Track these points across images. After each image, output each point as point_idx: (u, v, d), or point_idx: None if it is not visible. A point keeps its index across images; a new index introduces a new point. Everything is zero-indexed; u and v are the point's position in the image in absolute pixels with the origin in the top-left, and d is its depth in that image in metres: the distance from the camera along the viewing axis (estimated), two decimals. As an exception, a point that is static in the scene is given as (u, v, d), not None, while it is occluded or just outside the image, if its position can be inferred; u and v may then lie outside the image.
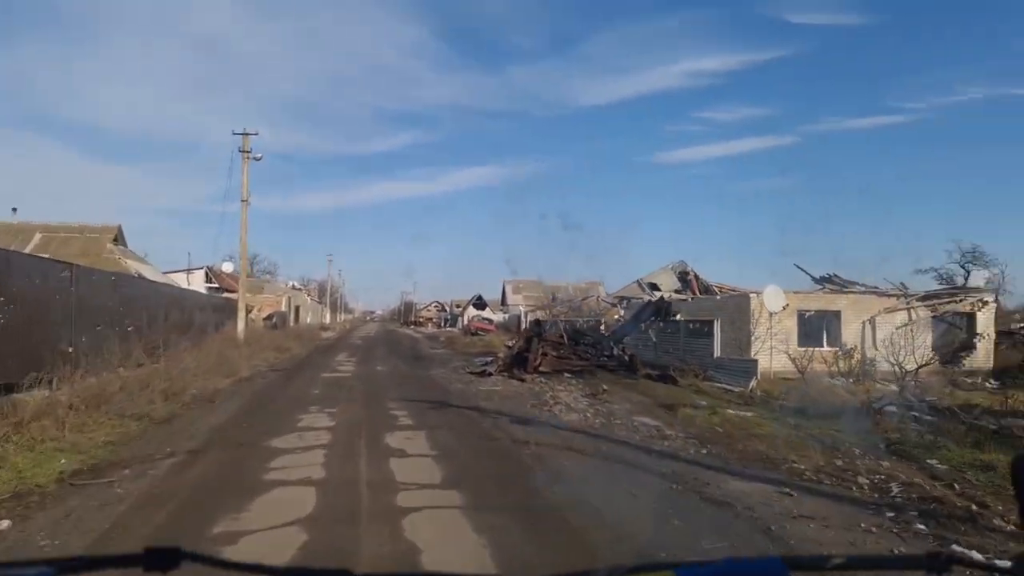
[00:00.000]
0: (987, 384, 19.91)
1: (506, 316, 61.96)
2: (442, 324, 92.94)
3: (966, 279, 41.53)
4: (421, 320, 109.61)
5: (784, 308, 20.41)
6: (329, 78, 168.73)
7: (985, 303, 22.49)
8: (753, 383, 16.66)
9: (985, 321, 22.48)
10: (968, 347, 22.49)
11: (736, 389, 16.48)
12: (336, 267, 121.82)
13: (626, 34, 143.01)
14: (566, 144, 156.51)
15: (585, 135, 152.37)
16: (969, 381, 20.11)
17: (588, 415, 10.97)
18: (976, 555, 3.30)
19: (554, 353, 18.71)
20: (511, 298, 74.20)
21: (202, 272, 47.18)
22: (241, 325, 25.45)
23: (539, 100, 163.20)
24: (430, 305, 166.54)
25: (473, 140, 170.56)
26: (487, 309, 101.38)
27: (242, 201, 24.95)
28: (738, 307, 21.77)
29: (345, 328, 72.76)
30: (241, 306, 26.09)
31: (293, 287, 73.45)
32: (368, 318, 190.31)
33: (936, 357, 22.79)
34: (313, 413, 10.76)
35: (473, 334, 41.65)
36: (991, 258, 41.70)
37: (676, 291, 34.29)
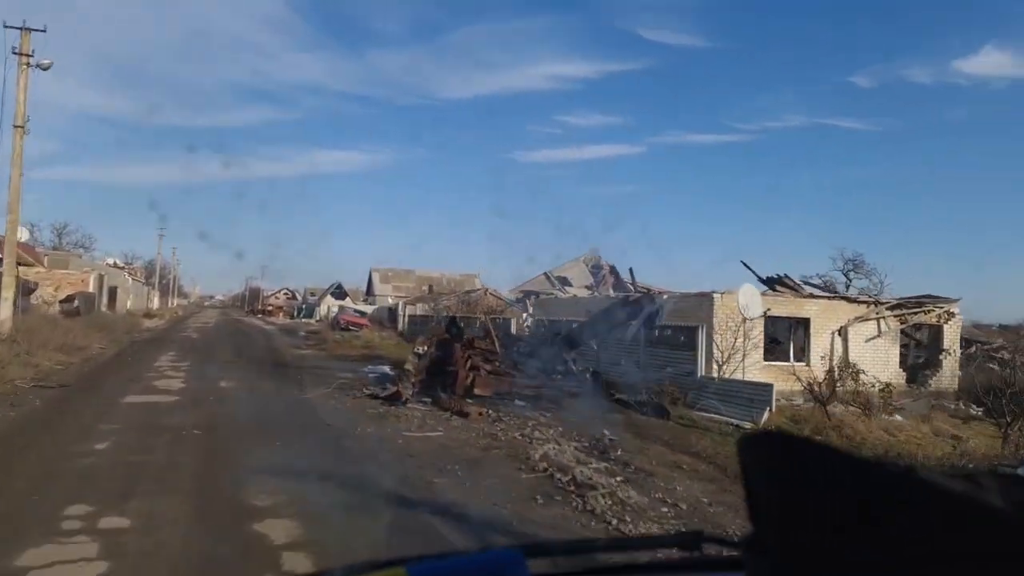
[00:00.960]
0: (970, 410, 17.05)
1: (373, 308, 55.24)
2: (295, 314, 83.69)
3: (847, 287, 41.11)
4: (270, 309, 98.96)
5: (766, 313, 16.35)
6: (174, 44, 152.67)
7: (952, 315, 19.90)
8: (766, 415, 12.26)
9: (952, 336, 19.91)
10: (933, 364, 19.85)
11: (746, 424, 12.01)
12: (173, 248, 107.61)
13: (491, 31, 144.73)
14: (428, 134, 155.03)
15: (448, 127, 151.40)
16: (952, 407, 17.17)
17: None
18: (724, 535, 2.44)
19: (487, 367, 13.28)
20: (379, 288, 67.36)
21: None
22: (6, 310, 17.55)
23: (401, 88, 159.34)
24: (279, 292, 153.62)
25: (333, 123, 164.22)
26: (348, 299, 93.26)
27: (16, 127, 16.96)
28: (699, 311, 17.48)
29: (177, 315, 62.25)
30: (8, 281, 18.09)
31: (114, 265, 61.77)
32: (206, 303, 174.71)
33: (904, 376, 20.12)
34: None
35: (344, 329, 34.93)
36: (871, 267, 41.62)
37: (587, 287, 29.98)
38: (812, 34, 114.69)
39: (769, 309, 16.50)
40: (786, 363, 17.63)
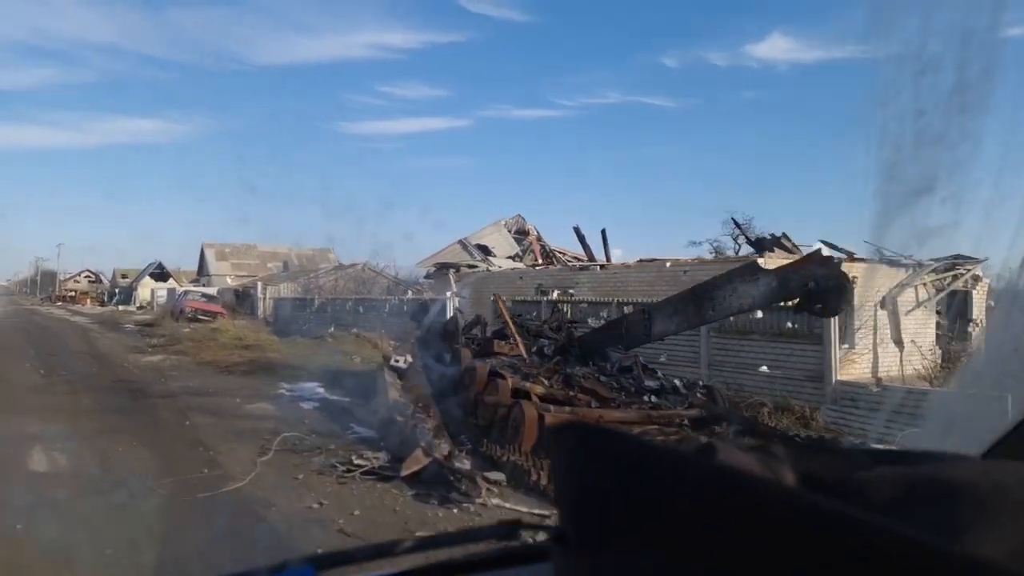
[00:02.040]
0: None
1: (215, 290, 46.06)
2: (106, 300, 70.15)
3: (737, 252, 39.67)
4: (72, 294, 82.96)
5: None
6: None
7: (978, 279, 17.31)
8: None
9: (979, 303, 17.32)
10: (960, 338, 17.17)
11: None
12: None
13: None
14: (244, 103, 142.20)
15: (265, 95, 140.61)
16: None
17: None
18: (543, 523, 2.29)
19: (542, 390, 7.78)
20: (215, 266, 57.40)
21: None
22: None
23: (210, 52, 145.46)
24: (79, 275, 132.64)
25: (127, 88, 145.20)
26: (171, 280, 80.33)
27: None
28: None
29: (-56, 308, 48.49)
30: None
31: None
32: None
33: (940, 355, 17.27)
34: None
35: (192, 319, 26.99)
36: (761, 232, 40.49)
37: (514, 256, 24.82)
38: (625, 13, 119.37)
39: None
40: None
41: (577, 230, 20.27)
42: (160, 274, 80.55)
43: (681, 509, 0.58)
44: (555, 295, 16.34)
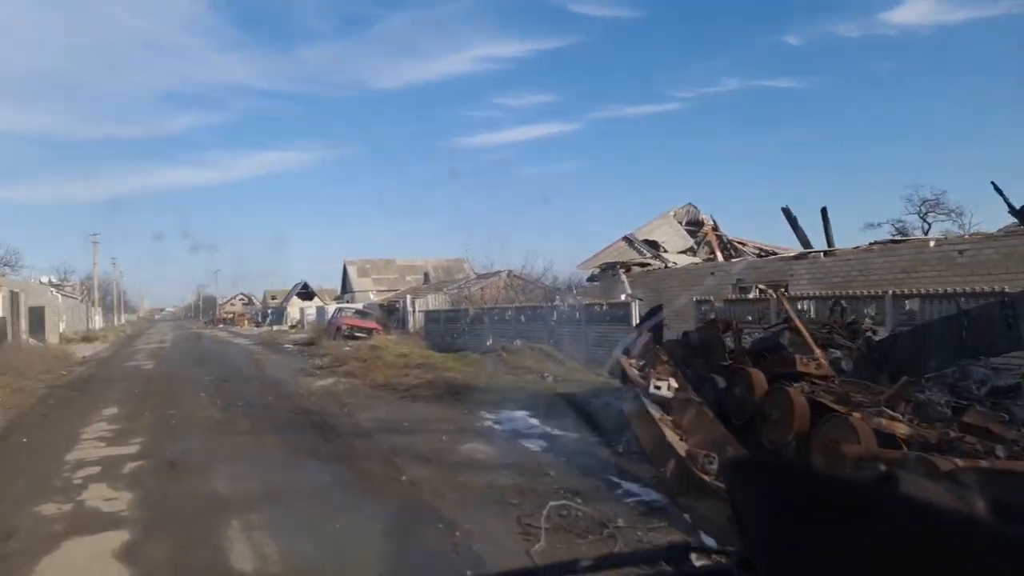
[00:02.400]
0: None
1: (362, 305, 46.45)
2: (262, 321, 73.97)
3: (926, 232, 34.23)
4: (230, 317, 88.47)
5: None
6: (96, 53, 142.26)
7: None
8: None
9: None
10: None
11: None
12: (112, 260, 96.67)
13: (417, 17, 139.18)
14: (365, 127, 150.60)
15: (382, 118, 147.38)
16: None
17: None
18: (713, 545, 2.22)
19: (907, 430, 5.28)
20: (357, 282, 58.43)
21: None
22: None
23: (332, 83, 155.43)
24: (235, 299, 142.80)
25: (264, 124, 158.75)
26: (316, 299, 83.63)
27: None
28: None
29: (124, 335, 52.26)
30: None
31: (49, 283, 51.56)
32: (156, 317, 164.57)
33: None
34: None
35: (349, 337, 26.39)
36: (957, 207, 34.86)
37: (688, 250, 22.08)
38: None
39: None
40: None
41: (787, 212, 17.20)
42: (306, 293, 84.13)
43: (869, 540, 0.57)
44: (758, 291, 13.55)
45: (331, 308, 47.40)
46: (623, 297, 18.51)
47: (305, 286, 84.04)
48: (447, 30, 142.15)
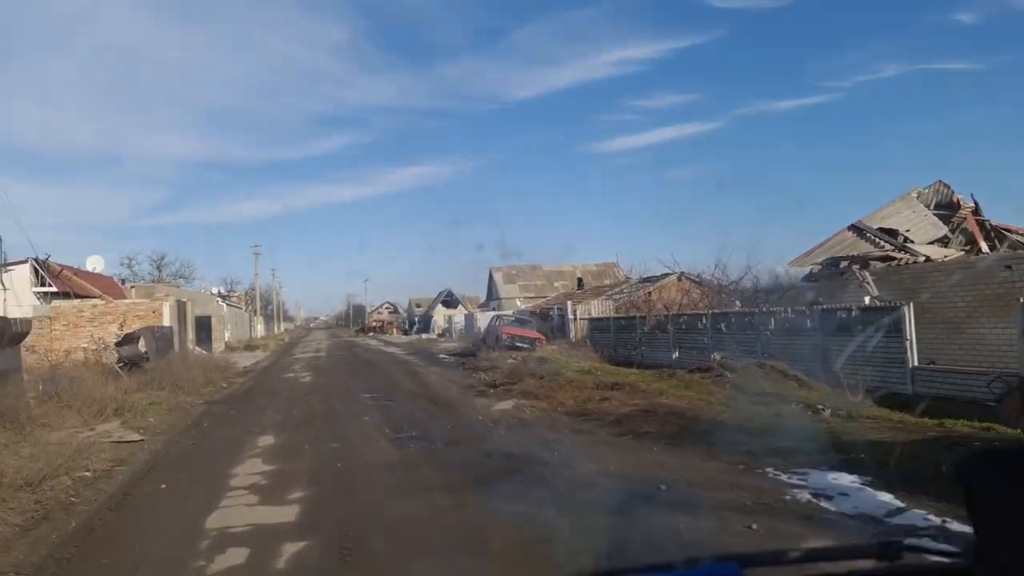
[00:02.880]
0: None
1: (511, 313, 44.35)
2: (409, 329, 74.48)
3: None
4: (377, 325, 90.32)
5: None
6: (255, 83, 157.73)
7: None
8: None
9: None
10: None
11: None
12: (272, 271, 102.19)
13: (550, 25, 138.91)
14: (499, 138, 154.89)
15: (518, 128, 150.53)
16: None
17: None
18: (929, 542, 1.82)
19: None
20: (503, 289, 56.62)
21: (27, 267, 28.07)
22: None
23: (469, 96, 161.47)
24: (381, 307, 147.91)
25: (406, 139, 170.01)
26: (460, 307, 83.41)
27: None
28: None
29: (283, 343, 53.63)
30: None
31: (218, 294, 54.16)
32: (311, 325, 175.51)
33: None
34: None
35: (511, 347, 23.90)
36: None
37: (941, 239, 17.46)
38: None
39: None
40: None
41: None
42: (450, 301, 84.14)
43: None
44: None
45: (480, 315, 45.70)
46: (867, 300, 14.44)
47: (449, 294, 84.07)
48: (580, 37, 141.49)
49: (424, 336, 54.03)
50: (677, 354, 20.17)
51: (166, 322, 25.33)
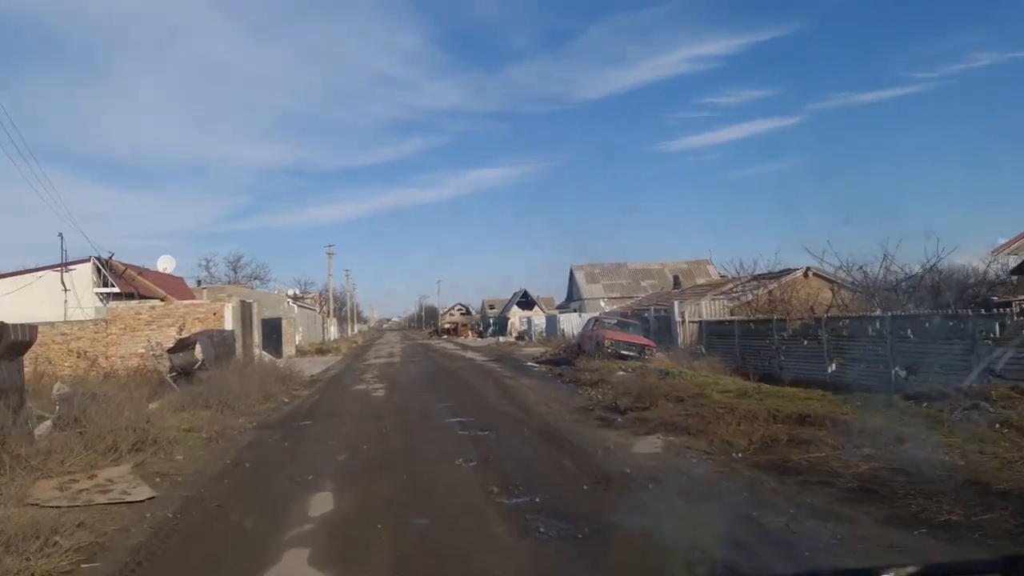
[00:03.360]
0: None
1: (610, 314, 40.62)
2: (484, 331, 71.65)
3: None
4: (450, 327, 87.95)
5: None
6: (331, 91, 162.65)
7: None
8: None
9: None
10: None
11: None
12: (346, 272, 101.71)
13: (618, 25, 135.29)
14: (569, 139, 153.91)
15: (587, 129, 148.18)
16: None
17: None
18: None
19: None
20: (586, 289, 52.83)
21: (89, 266, 26.33)
22: None
23: (538, 98, 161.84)
24: (453, 308, 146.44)
25: (476, 143, 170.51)
26: (536, 308, 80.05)
27: None
28: None
29: (356, 345, 51.55)
30: None
31: (293, 296, 52.72)
32: (384, 327, 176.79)
33: None
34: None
35: (615, 355, 20.24)
36: None
37: None
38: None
39: None
40: None
41: None
42: (525, 302, 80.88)
43: None
44: None
45: (563, 317, 42.13)
46: None
47: (525, 294, 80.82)
48: (649, 35, 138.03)
49: (501, 339, 50.86)
50: (834, 367, 16.06)
51: (228, 325, 22.92)
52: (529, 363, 25.43)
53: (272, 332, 37.58)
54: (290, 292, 66.26)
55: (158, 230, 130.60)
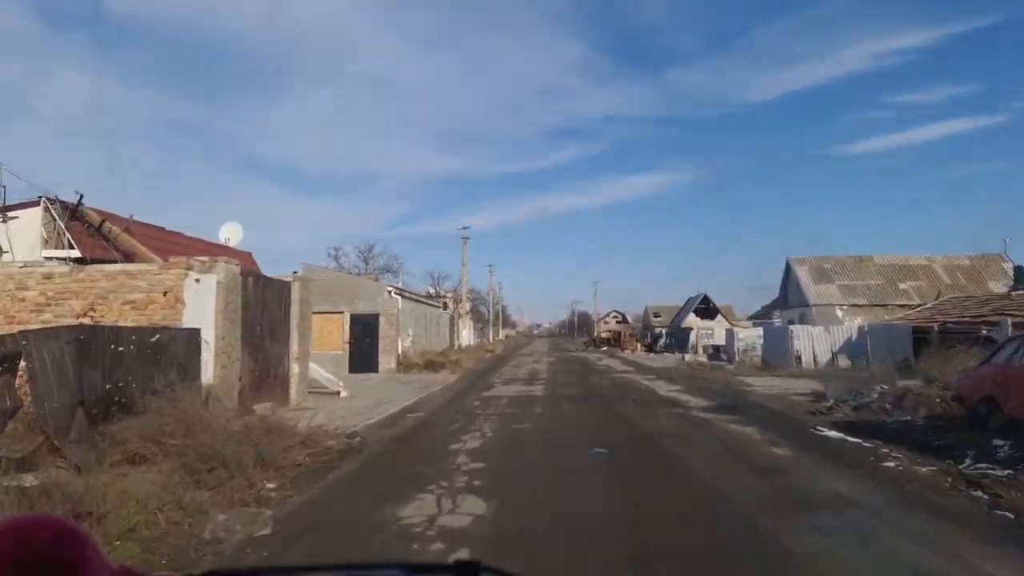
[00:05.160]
0: None
1: (852, 330, 25.08)
2: (653, 343, 57.19)
3: None
4: (609, 337, 73.80)
5: None
6: (494, 102, 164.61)
7: None
8: None
9: None
10: None
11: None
12: (488, 267, 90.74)
13: (792, 23, 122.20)
14: (734, 143, 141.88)
15: (753, 132, 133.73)
16: None
17: None
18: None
19: None
20: (812, 290, 36.86)
21: (37, 213, 15.94)
22: None
23: (701, 101, 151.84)
24: (608, 315, 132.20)
25: (635, 148, 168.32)
26: (719, 317, 64.25)
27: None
28: None
29: (489, 356, 39.61)
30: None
31: (427, 295, 42.13)
32: (535, 332, 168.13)
33: None
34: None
35: None
36: None
37: None
38: None
39: None
40: None
41: None
42: (706, 309, 65.42)
43: None
44: None
45: (799, 330, 27.18)
46: None
47: (705, 300, 65.25)
48: (827, 31, 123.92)
49: (688, 358, 36.52)
50: None
51: (194, 318, 11.16)
52: (823, 430, 11.35)
53: (365, 335, 26.23)
54: (420, 287, 56.18)
55: (325, 235, 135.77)
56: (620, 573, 4.73)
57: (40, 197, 15.82)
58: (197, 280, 11.43)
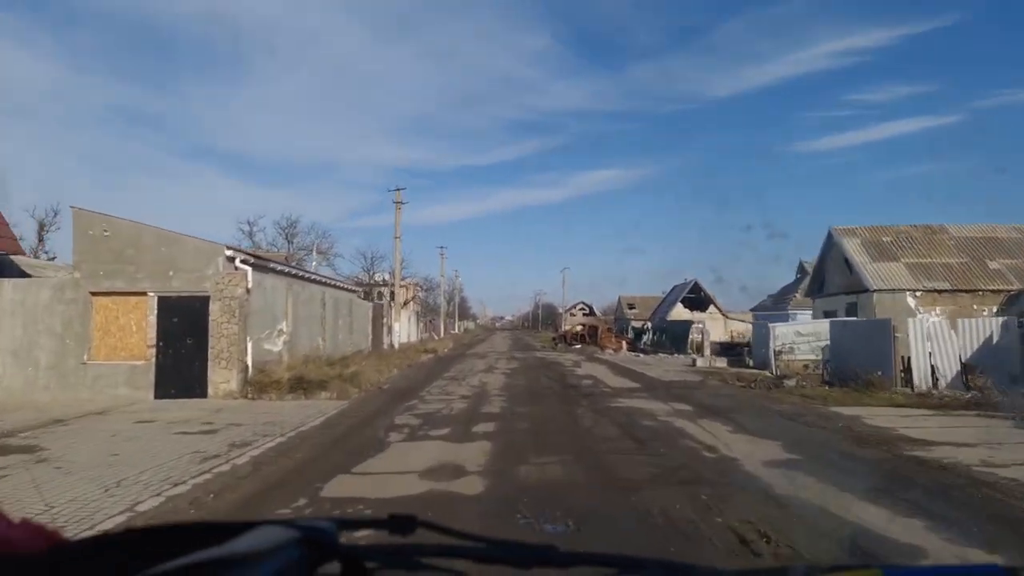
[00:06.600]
0: None
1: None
2: (636, 341, 46.50)
3: None
4: (581, 331, 62.39)
5: None
6: (455, 93, 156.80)
7: None
8: None
9: None
10: None
11: None
12: (439, 251, 79.11)
13: (753, 20, 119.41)
14: (694, 139, 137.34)
15: (713, 128, 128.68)
16: None
17: None
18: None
19: None
20: (869, 271, 26.26)
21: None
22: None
23: (662, 97, 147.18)
24: (575, 307, 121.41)
25: (596, 143, 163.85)
26: (712, 308, 54.20)
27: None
28: None
29: (429, 358, 28.76)
30: None
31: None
32: (496, 324, 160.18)
33: None
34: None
35: None
36: None
37: None
38: None
39: None
40: None
41: None
42: (695, 299, 55.49)
43: None
44: None
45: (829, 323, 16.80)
46: None
47: (695, 289, 55.18)
48: (787, 29, 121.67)
49: (699, 362, 26.13)
50: None
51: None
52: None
53: (186, 332, 15.08)
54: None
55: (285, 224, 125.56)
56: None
57: None
58: None
